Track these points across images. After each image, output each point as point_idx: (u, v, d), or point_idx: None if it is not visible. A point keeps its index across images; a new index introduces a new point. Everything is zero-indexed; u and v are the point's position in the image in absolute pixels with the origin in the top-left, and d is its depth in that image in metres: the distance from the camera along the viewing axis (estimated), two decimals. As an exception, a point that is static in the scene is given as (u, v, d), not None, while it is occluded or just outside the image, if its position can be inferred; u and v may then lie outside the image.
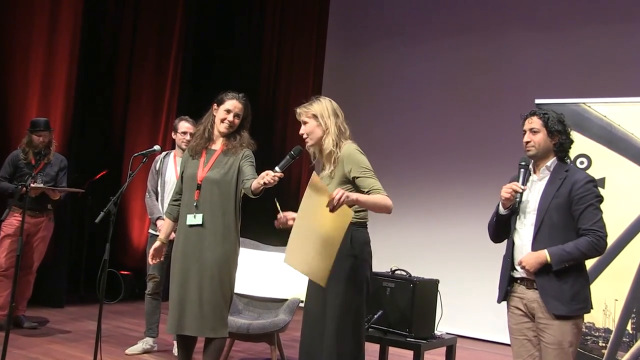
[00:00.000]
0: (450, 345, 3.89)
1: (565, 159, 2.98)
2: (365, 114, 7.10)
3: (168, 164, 4.77)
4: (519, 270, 2.91)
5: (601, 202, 2.87)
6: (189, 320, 3.35)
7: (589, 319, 4.12)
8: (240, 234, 3.51)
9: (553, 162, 2.95)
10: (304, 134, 3.14)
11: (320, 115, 3.11)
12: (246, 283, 4.54)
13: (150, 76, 7.21)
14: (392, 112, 7.32)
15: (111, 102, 7.26)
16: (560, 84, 6.04)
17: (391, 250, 5.55)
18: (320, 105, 3.13)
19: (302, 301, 3.53)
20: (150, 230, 4.79)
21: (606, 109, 4.37)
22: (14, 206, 4.72)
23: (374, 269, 3.17)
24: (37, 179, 4.92)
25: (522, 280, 2.93)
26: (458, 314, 5.16)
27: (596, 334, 4.19)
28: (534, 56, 6.44)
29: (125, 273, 6.76)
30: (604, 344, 4.18)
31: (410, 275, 3.80)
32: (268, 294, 4.58)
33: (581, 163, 4.31)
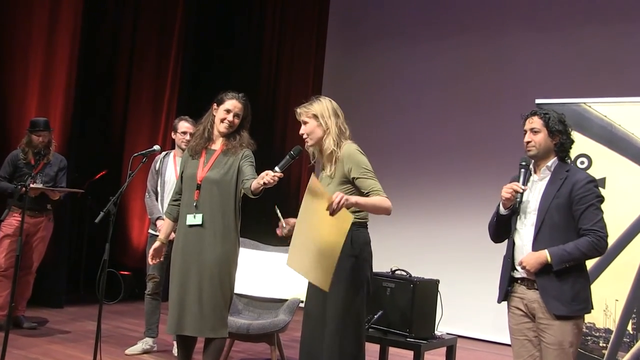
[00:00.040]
0: (450, 345, 3.89)
1: (566, 159, 2.97)
2: (365, 114, 7.10)
3: (168, 164, 4.77)
4: (520, 270, 2.91)
5: (602, 202, 2.86)
6: (189, 321, 3.34)
7: (589, 319, 4.11)
8: (240, 234, 3.51)
9: (554, 162, 2.94)
10: (304, 134, 3.13)
11: (321, 115, 3.10)
12: (246, 283, 4.54)
13: (150, 76, 7.20)
14: (392, 112, 7.32)
15: (111, 102, 7.26)
16: (560, 83, 6.03)
17: (391, 251, 5.55)
18: (321, 105, 3.12)
19: (302, 301, 3.52)
20: (150, 231, 4.79)
21: (606, 108, 4.37)
22: (13, 206, 4.73)
23: (374, 269, 3.17)
24: (37, 179, 4.92)
25: (523, 280, 2.93)
26: (458, 314, 5.15)
27: (597, 334, 4.18)
28: (534, 56, 6.43)
29: (125, 273, 6.76)
30: (604, 344, 4.17)
31: (410, 276, 3.80)
32: (268, 294, 4.58)
33: (581, 163, 4.30)
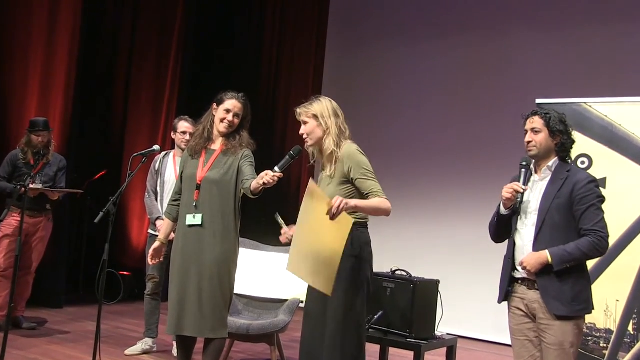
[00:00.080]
0: (450, 345, 3.88)
1: (567, 159, 2.97)
2: (365, 114, 7.09)
3: (167, 164, 4.76)
4: (520, 270, 2.90)
5: (603, 203, 2.86)
6: (189, 321, 3.34)
7: (590, 320, 4.10)
8: (240, 234, 3.50)
9: (554, 162, 2.94)
10: (304, 134, 3.12)
11: (321, 115, 3.09)
12: (246, 283, 4.53)
13: (150, 76, 7.20)
14: (392, 112, 7.31)
15: (110, 102, 7.25)
16: (561, 83, 6.02)
17: (391, 251, 5.54)
18: (321, 105, 3.11)
19: (302, 302, 3.51)
20: (150, 231, 4.78)
21: (607, 108, 4.36)
22: (12, 206, 4.72)
23: (375, 269, 3.16)
24: (36, 179, 4.91)
25: (523, 280, 2.92)
26: (458, 315, 5.14)
27: (597, 334, 4.17)
28: (534, 56, 6.43)
29: (125, 273, 6.75)
30: (605, 345, 4.16)
31: (410, 276, 3.79)
32: (268, 295, 4.57)
33: (582, 163, 4.29)
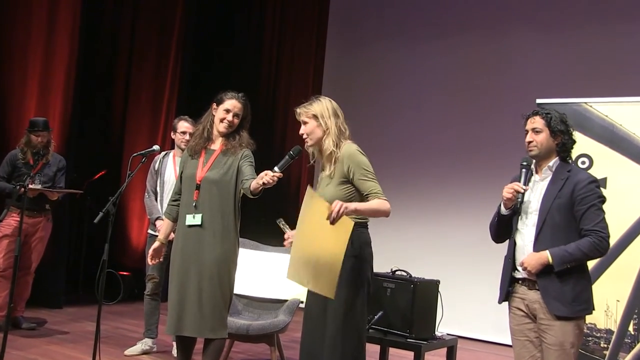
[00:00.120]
0: (451, 346, 3.88)
1: (568, 159, 2.96)
2: (365, 114, 7.08)
3: (167, 163, 4.75)
4: (521, 270, 2.89)
5: (604, 203, 2.85)
6: (188, 321, 3.33)
7: (590, 320, 4.09)
8: (239, 234, 3.50)
9: (555, 162, 2.93)
10: (303, 134, 3.12)
11: (321, 115, 3.08)
12: (246, 284, 4.52)
13: (150, 76, 7.19)
14: (392, 112, 7.30)
15: (110, 102, 7.25)
16: (561, 83, 6.01)
17: (392, 251, 5.53)
18: (321, 105, 3.11)
19: (302, 302, 3.51)
20: (150, 231, 4.77)
21: (608, 108, 4.35)
22: (12, 206, 4.73)
23: (375, 269, 3.15)
24: (35, 179, 4.90)
25: (524, 280, 2.91)
26: (459, 315, 5.13)
27: (598, 334, 4.17)
28: (535, 56, 6.42)
29: (124, 274, 6.75)
30: (605, 345, 4.16)
31: (410, 276, 3.78)
32: (268, 295, 4.56)
33: (583, 163, 4.29)
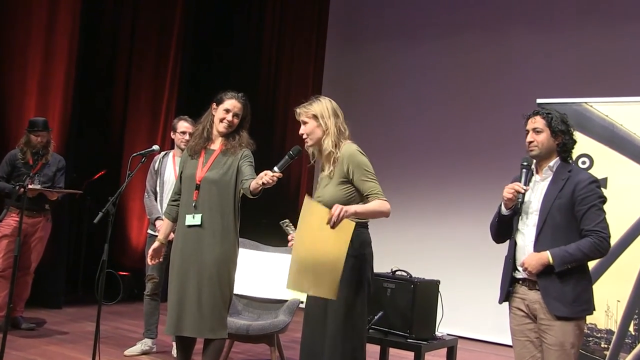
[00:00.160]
0: (451, 346, 3.88)
1: (568, 159, 2.96)
2: (365, 114, 7.08)
3: (167, 163, 4.75)
4: (521, 271, 2.89)
5: (604, 203, 2.84)
6: (188, 321, 3.33)
7: (591, 320, 4.09)
8: (239, 234, 3.49)
9: (556, 162, 2.92)
10: (303, 134, 3.11)
11: (321, 115, 3.08)
12: (246, 284, 4.51)
13: (149, 76, 7.19)
14: (392, 112, 7.30)
15: (110, 102, 7.24)
16: (561, 83, 6.01)
17: (392, 251, 5.52)
18: (320, 106, 3.10)
19: (302, 302, 3.50)
20: (149, 231, 4.77)
21: (608, 108, 4.35)
22: (11, 206, 4.73)
23: (375, 269, 3.15)
24: (35, 179, 4.90)
25: (524, 281, 2.91)
26: (459, 315, 5.12)
27: (598, 335, 4.16)
28: (535, 56, 6.42)
29: (124, 274, 6.74)
30: (606, 345, 4.15)
31: (410, 276, 3.78)
32: (268, 295, 4.55)
33: (583, 163, 4.28)
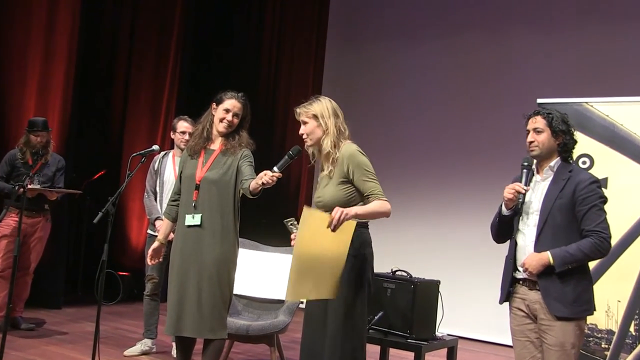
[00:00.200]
0: (451, 346, 3.87)
1: (569, 159, 2.95)
2: (365, 114, 7.07)
3: (167, 163, 4.74)
4: (522, 271, 2.88)
5: (605, 203, 2.84)
6: (188, 322, 3.32)
7: (591, 320, 4.08)
8: (239, 234, 3.49)
9: (556, 163, 2.92)
10: (303, 134, 3.11)
11: (321, 115, 3.08)
12: (245, 284, 4.51)
13: (149, 76, 7.18)
14: (393, 112, 7.29)
15: (110, 102, 7.24)
16: (562, 83, 6.01)
17: (392, 251, 5.52)
18: (320, 105, 3.10)
19: (302, 302, 3.50)
20: (149, 231, 4.76)
21: (609, 108, 4.34)
22: (10, 206, 4.73)
23: (375, 269, 3.14)
24: (34, 179, 4.89)
25: (525, 281, 2.90)
26: (459, 315, 5.11)
27: (599, 335, 4.16)
28: (535, 56, 6.41)
29: (124, 274, 6.73)
30: (606, 346, 4.15)
31: (411, 276, 3.78)
32: (268, 295, 4.55)
33: (583, 163, 4.28)
